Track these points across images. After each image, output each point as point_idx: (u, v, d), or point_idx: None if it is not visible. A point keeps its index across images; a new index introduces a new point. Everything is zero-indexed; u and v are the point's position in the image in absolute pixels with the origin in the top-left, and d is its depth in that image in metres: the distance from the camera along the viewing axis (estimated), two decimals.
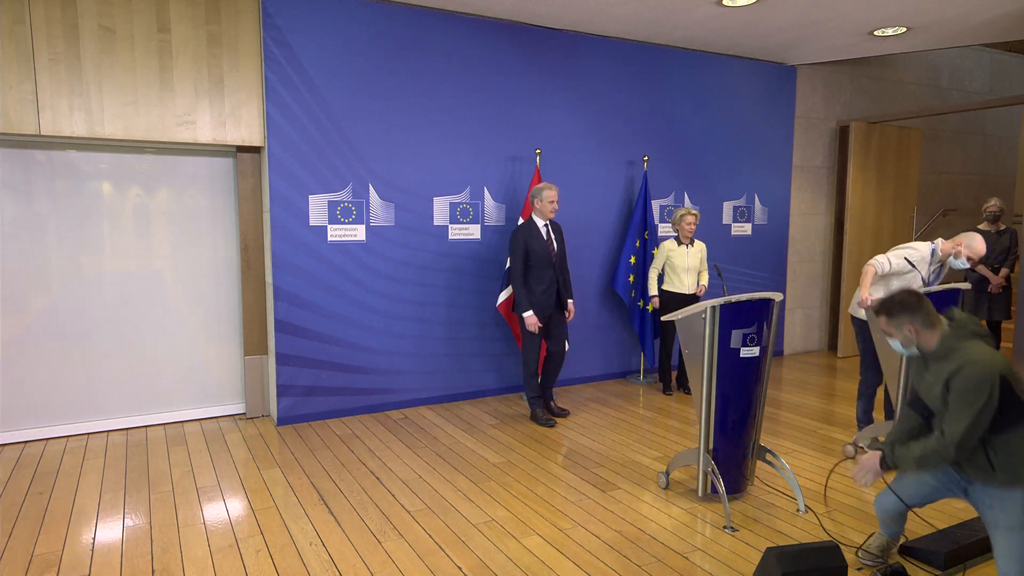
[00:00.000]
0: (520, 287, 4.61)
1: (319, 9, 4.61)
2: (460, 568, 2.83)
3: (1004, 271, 5.75)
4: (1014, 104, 6.47)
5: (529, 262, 4.62)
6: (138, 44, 4.23)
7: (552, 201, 4.61)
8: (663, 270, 5.42)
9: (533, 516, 3.33)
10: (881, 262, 3.93)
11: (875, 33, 5.65)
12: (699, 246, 5.37)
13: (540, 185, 4.65)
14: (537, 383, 4.82)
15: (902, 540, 2.99)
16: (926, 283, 4.05)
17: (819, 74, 7.03)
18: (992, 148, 8.78)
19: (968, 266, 3.97)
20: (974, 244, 3.92)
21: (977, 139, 8.61)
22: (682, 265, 5.28)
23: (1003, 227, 5.90)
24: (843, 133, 7.16)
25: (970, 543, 2.86)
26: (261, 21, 4.47)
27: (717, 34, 5.71)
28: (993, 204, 5.92)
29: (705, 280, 5.39)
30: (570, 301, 4.80)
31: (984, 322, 6.01)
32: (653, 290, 5.42)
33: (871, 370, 4.22)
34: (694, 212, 5.25)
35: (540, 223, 4.66)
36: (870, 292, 3.93)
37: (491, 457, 4.14)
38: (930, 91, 8.00)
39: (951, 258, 4.00)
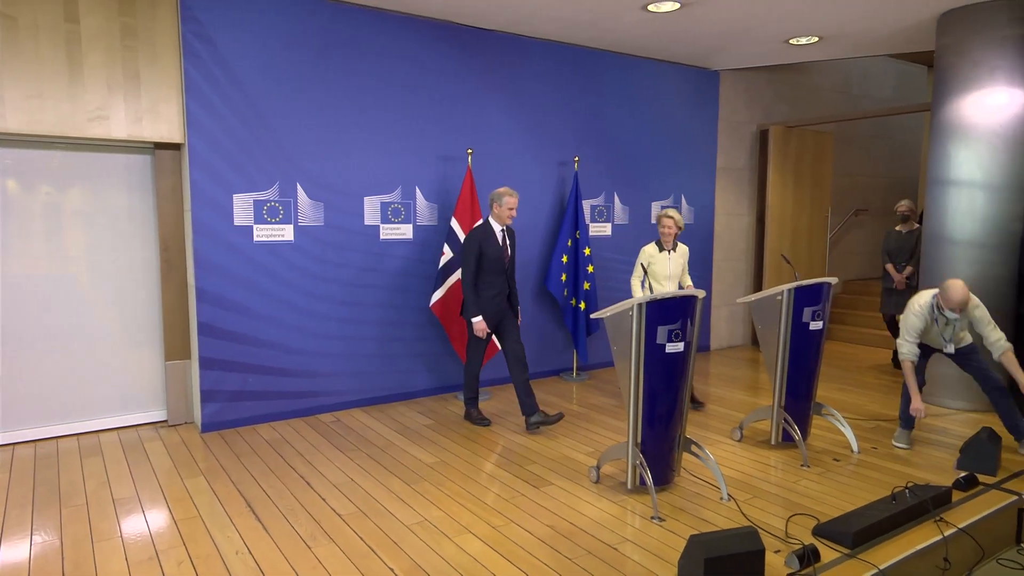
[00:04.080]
0: (471, 292, 4.49)
1: (242, 3, 4.47)
2: (393, 570, 2.81)
3: (909, 269, 6.12)
4: (918, 111, 6.93)
5: (481, 266, 4.51)
6: (43, 34, 4.00)
7: (512, 208, 4.52)
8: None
9: (467, 515, 3.34)
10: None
11: (790, 42, 5.93)
12: (682, 250, 4.91)
13: (501, 190, 4.53)
14: (477, 385, 4.80)
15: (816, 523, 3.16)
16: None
17: (741, 79, 7.32)
18: (898, 152, 9.35)
19: (956, 316, 3.95)
20: (947, 294, 3.92)
21: (885, 143, 9.15)
22: (663, 272, 4.81)
23: (916, 226, 6.24)
24: (763, 136, 7.48)
25: (876, 522, 3.04)
26: (179, 14, 4.30)
27: (645, 39, 5.86)
28: (903, 205, 6.30)
29: (689, 282, 4.95)
30: (518, 308, 4.75)
31: (899, 317, 6.40)
32: (637, 294, 4.84)
33: None
34: (671, 215, 4.73)
35: (497, 228, 4.56)
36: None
37: (425, 458, 4.13)
38: (843, 97, 8.46)
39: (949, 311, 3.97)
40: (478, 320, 4.51)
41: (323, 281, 4.95)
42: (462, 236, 5.15)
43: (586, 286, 5.90)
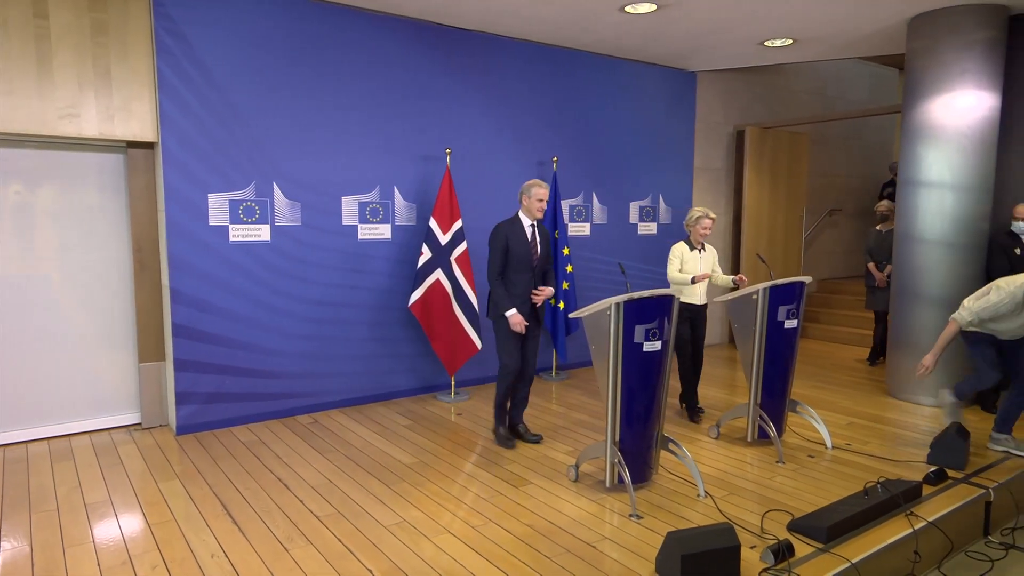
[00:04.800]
0: (497, 286, 4.13)
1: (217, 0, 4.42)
2: (371, 571, 2.80)
3: (889, 268, 6.23)
4: (890, 113, 7.05)
5: (506, 263, 4.17)
6: (12, 30, 3.92)
7: (541, 200, 4.14)
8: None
9: (446, 515, 3.33)
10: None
11: (766, 43, 6.00)
12: (711, 250, 4.86)
13: (531, 182, 4.18)
14: (510, 396, 4.37)
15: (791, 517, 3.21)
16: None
17: (718, 80, 7.39)
18: (872, 153, 9.51)
19: None
20: None
21: (859, 144, 9.30)
22: (695, 271, 4.72)
23: (894, 225, 6.31)
24: (740, 137, 7.56)
25: (849, 517, 3.09)
26: (152, 10, 4.24)
27: (622, 40, 5.89)
28: (882, 205, 6.45)
29: (725, 279, 4.76)
30: (549, 288, 4.23)
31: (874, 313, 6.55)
32: (687, 277, 4.63)
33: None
34: (712, 215, 4.71)
35: (526, 222, 4.20)
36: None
37: (404, 458, 4.11)
38: (818, 99, 8.58)
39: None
40: (512, 313, 4.07)
41: (300, 281, 4.91)
42: (440, 236, 5.14)
43: (565, 286, 5.92)
